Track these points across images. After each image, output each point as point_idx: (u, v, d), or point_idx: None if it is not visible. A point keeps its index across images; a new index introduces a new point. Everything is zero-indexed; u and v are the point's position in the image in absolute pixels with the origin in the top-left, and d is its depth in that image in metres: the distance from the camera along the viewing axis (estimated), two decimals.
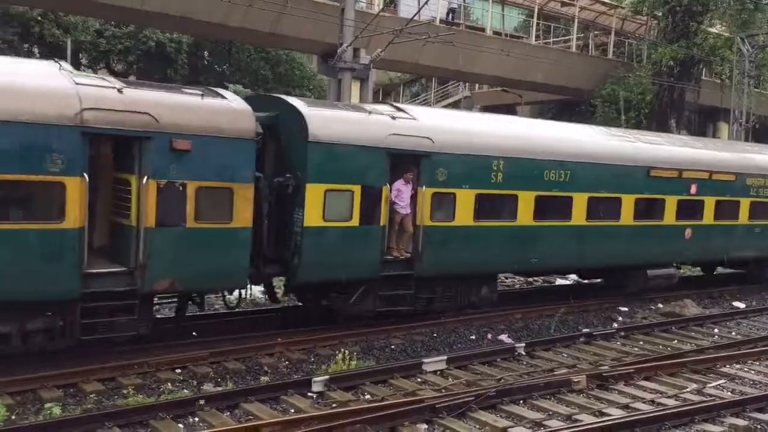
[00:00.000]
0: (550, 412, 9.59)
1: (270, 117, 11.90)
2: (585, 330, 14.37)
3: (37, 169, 9.22)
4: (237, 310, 13.60)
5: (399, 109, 13.67)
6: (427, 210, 12.97)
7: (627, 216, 16.05)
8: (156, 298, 11.50)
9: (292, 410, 9.37)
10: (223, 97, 11.29)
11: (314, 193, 11.71)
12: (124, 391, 9.61)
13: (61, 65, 10.42)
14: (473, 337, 13.56)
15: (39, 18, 33.42)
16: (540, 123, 17.24)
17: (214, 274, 10.99)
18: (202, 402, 9.16)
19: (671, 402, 10.23)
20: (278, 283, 13.69)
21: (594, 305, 16.53)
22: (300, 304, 14.35)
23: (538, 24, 36.83)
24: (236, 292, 13.04)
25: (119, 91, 10.07)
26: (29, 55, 33.57)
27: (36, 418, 8.64)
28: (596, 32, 39.39)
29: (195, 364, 10.77)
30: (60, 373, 9.81)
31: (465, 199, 13.38)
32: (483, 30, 34.14)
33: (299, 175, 11.70)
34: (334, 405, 9.53)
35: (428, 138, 12.94)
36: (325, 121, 12.08)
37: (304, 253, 11.75)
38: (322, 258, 12.01)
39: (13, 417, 8.66)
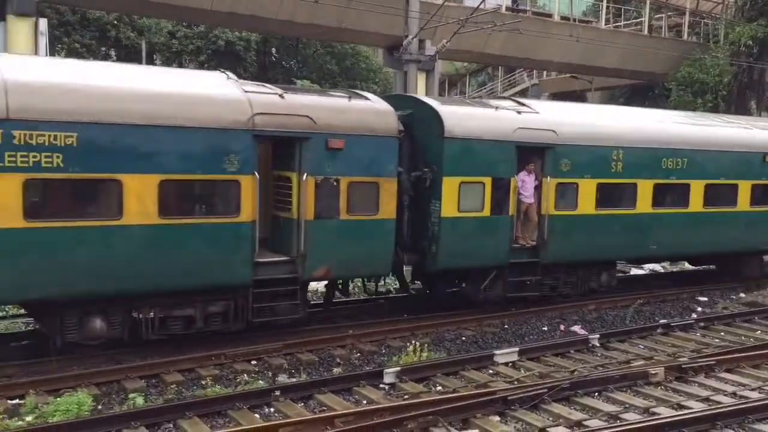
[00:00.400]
0: (627, 405, 9.40)
1: (406, 115, 12.55)
2: (662, 321, 14.00)
3: (218, 169, 10.29)
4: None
5: (521, 104, 14.20)
6: (552, 199, 13.55)
7: (743, 202, 16.26)
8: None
9: (365, 401, 9.48)
10: (367, 98, 12.23)
11: (450, 186, 12.47)
12: (203, 382, 9.91)
13: (228, 75, 11.31)
14: (545, 328, 13.40)
15: (115, 22, 34.69)
16: (656, 112, 17.64)
17: (363, 262, 12.00)
18: (277, 393, 9.37)
19: (754, 395, 9.88)
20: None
21: (671, 295, 16.15)
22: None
23: (608, 7, 35.89)
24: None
25: (281, 96, 11.04)
26: (106, 57, 34.88)
27: (121, 408, 9.00)
28: (669, 13, 38.07)
29: (269, 356, 11.02)
30: (143, 364, 10.21)
31: (587, 189, 13.91)
32: (550, 16, 33.49)
33: (435, 169, 12.45)
34: (406, 396, 9.59)
35: (552, 131, 13.48)
36: (458, 118, 12.73)
37: (441, 241, 12.52)
38: (458, 246, 12.76)
39: (99, 407, 9.05)
